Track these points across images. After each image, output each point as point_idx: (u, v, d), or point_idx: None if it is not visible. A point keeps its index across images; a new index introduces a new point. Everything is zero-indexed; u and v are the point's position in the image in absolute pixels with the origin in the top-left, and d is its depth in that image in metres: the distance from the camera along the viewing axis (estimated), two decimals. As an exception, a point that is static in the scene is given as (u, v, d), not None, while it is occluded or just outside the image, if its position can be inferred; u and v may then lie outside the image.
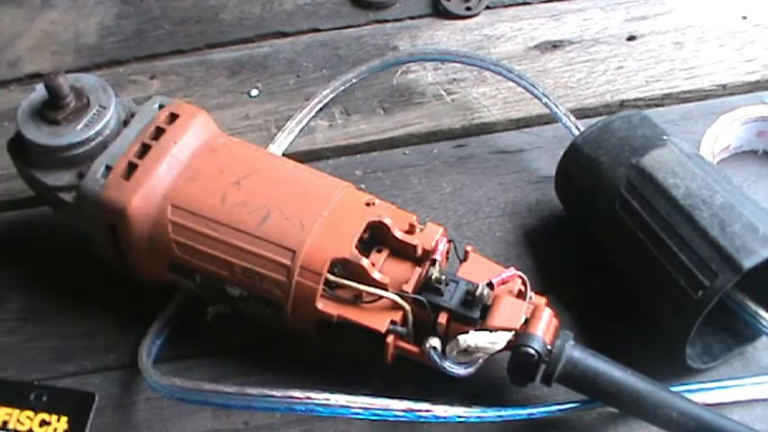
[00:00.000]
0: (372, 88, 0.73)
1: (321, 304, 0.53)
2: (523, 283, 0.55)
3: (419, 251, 0.55)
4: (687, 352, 0.55)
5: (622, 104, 0.72)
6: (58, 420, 0.55)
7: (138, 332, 0.58)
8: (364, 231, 0.54)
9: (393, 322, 0.53)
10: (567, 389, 0.54)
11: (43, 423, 0.55)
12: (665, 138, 0.60)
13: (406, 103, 0.73)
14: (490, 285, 0.53)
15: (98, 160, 0.56)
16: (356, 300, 0.53)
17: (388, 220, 0.54)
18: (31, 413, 0.55)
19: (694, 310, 0.52)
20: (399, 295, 0.53)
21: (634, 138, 0.60)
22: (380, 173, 0.68)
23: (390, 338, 0.53)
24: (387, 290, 0.53)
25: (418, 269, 0.54)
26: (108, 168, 0.55)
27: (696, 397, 0.54)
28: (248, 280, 0.54)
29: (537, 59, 0.75)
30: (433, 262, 0.54)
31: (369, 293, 0.53)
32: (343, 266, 0.53)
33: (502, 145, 0.70)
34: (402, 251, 0.55)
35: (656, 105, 0.72)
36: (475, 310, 0.53)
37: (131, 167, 0.55)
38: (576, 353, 0.52)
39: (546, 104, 0.67)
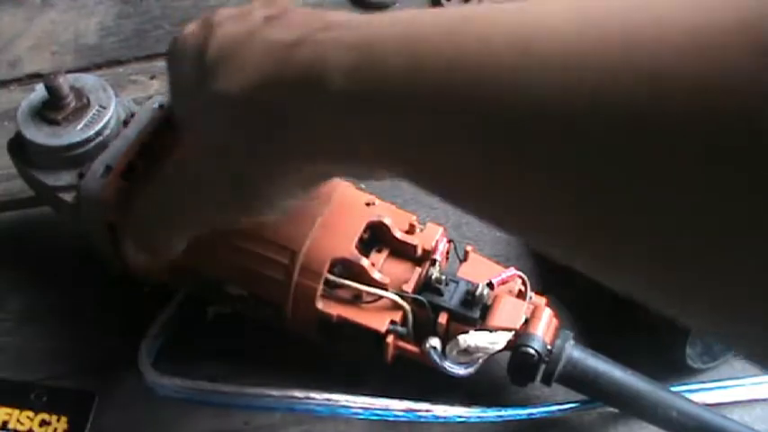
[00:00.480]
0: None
1: (321, 304, 0.53)
2: (523, 283, 0.55)
3: (419, 251, 0.55)
4: (687, 352, 0.55)
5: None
6: (58, 420, 0.55)
7: (138, 332, 0.58)
8: (364, 231, 0.54)
9: (393, 322, 0.53)
10: (567, 389, 0.54)
11: (43, 423, 0.55)
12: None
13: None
14: (490, 285, 0.53)
15: (98, 160, 0.56)
16: (356, 300, 0.53)
17: (387, 220, 0.54)
18: (31, 413, 0.55)
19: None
20: (399, 295, 0.53)
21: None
22: (380, 173, 0.68)
23: (390, 338, 0.53)
24: (387, 290, 0.53)
25: (418, 269, 0.54)
26: (108, 168, 0.55)
27: (696, 397, 0.54)
28: (247, 280, 0.54)
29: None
30: (433, 262, 0.54)
31: (368, 293, 0.53)
32: (343, 266, 0.53)
33: (502, 145, 0.70)
34: (402, 251, 0.55)
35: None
36: (475, 310, 0.53)
37: (131, 167, 0.55)
38: (576, 353, 0.52)
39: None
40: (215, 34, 0.42)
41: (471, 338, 0.51)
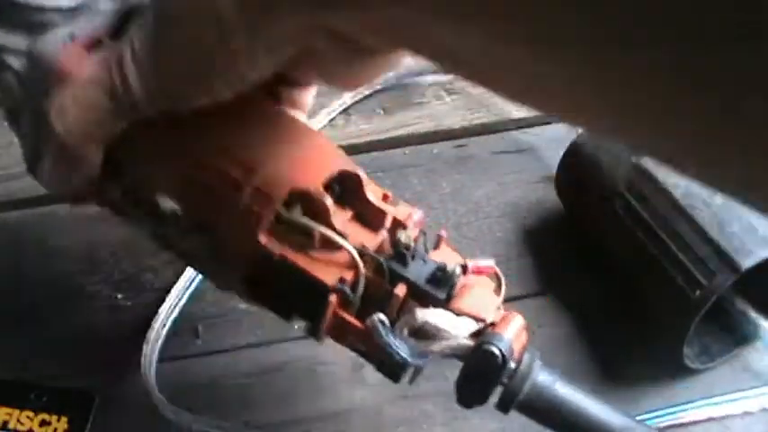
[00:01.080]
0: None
1: (264, 238, 0.44)
2: (498, 282, 0.48)
3: (388, 221, 0.47)
4: (685, 352, 0.55)
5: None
6: (58, 420, 0.55)
7: (138, 332, 0.58)
8: (335, 179, 0.46)
9: (342, 281, 0.44)
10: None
11: (43, 423, 0.55)
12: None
13: (406, 103, 0.73)
14: (464, 268, 0.45)
15: (64, 28, 0.47)
16: (305, 245, 0.45)
17: (362, 175, 0.47)
18: (31, 413, 0.55)
19: (692, 309, 0.52)
20: (358, 251, 0.44)
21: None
22: (380, 173, 0.68)
23: (334, 298, 0.44)
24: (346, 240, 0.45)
25: (384, 233, 0.47)
26: (73, 37, 0.47)
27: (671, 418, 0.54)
28: (188, 192, 0.45)
29: (537, 59, 0.75)
30: (404, 227, 0.46)
31: (323, 237, 0.44)
32: (302, 203, 0.45)
33: (502, 145, 0.70)
34: (370, 216, 0.47)
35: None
36: (442, 291, 0.44)
37: (99, 43, 0.46)
38: (543, 376, 0.44)
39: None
40: None
41: (431, 315, 0.43)
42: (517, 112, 0.72)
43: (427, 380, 0.55)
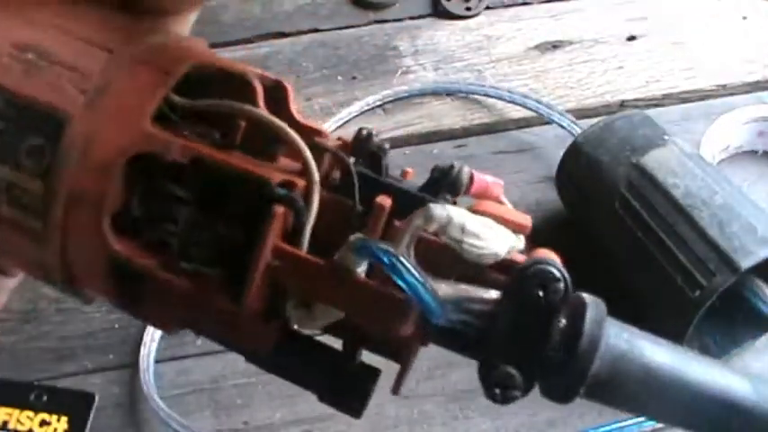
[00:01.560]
0: (372, 89, 0.73)
1: (152, 126, 0.28)
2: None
3: (328, 142, 0.31)
4: (685, 351, 0.55)
5: (622, 104, 0.72)
6: (58, 420, 0.55)
7: (138, 332, 0.58)
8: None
9: (290, 186, 0.28)
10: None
11: (43, 423, 0.55)
12: (665, 137, 0.60)
13: (406, 103, 0.73)
14: (470, 176, 0.31)
15: None
16: (218, 146, 0.29)
17: (290, 87, 0.31)
18: (31, 413, 0.55)
19: (691, 309, 0.52)
20: (313, 146, 0.29)
21: (635, 137, 0.60)
22: (380, 173, 0.68)
23: (281, 211, 0.27)
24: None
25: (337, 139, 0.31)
26: None
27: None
28: (16, 68, 0.28)
29: (537, 60, 0.75)
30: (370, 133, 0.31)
31: (253, 129, 0.29)
32: (210, 92, 0.30)
33: (502, 145, 0.70)
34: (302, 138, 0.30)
35: (656, 105, 0.72)
36: (447, 197, 0.31)
37: None
38: (618, 330, 0.29)
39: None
40: None
41: (456, 212, 0.28)
42: (517, 112, 0.72)
43: (427, 380, 0.56)
